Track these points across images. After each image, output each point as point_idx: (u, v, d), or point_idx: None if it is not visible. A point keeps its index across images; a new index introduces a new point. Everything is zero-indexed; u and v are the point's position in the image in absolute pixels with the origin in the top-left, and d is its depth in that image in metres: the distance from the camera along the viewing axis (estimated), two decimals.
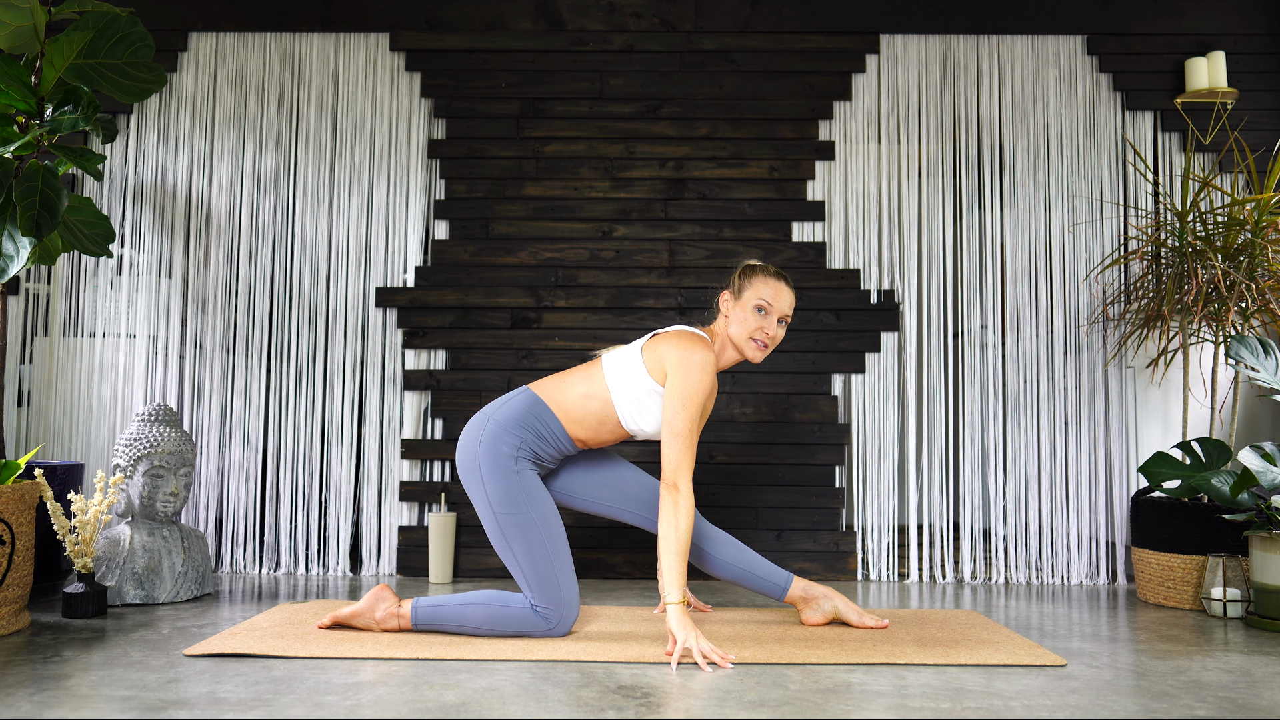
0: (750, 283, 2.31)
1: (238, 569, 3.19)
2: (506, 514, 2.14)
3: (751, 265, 2.36)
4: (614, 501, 2.38)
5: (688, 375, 2.16)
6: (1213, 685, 1.84)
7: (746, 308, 2.29)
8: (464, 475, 2.21)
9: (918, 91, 3.36)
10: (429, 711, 1.61)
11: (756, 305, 2.28)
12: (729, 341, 2.33)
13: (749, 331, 2.28)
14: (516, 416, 2.21)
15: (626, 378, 2.23)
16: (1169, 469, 2.78)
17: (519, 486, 2.15)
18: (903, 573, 3.21)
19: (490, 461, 2.16)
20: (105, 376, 3.24)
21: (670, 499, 2.09)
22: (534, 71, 3.37)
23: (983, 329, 3.28)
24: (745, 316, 2.29)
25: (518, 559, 2.14)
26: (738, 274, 2.36)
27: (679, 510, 2.08)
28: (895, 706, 1.67)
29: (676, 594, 2.04)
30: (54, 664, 1.91)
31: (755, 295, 2.29)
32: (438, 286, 3.30)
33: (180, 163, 3.33)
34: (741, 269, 2.36)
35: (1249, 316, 2.84)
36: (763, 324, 2.28)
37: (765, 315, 2.29)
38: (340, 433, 3.25)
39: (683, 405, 2.14)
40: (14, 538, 2.21)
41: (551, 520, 2.16)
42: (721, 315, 2.35)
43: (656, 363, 2.21)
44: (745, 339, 2.29)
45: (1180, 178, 3.24)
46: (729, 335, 2.32)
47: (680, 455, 2.11)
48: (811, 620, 2.37)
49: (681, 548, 2.06)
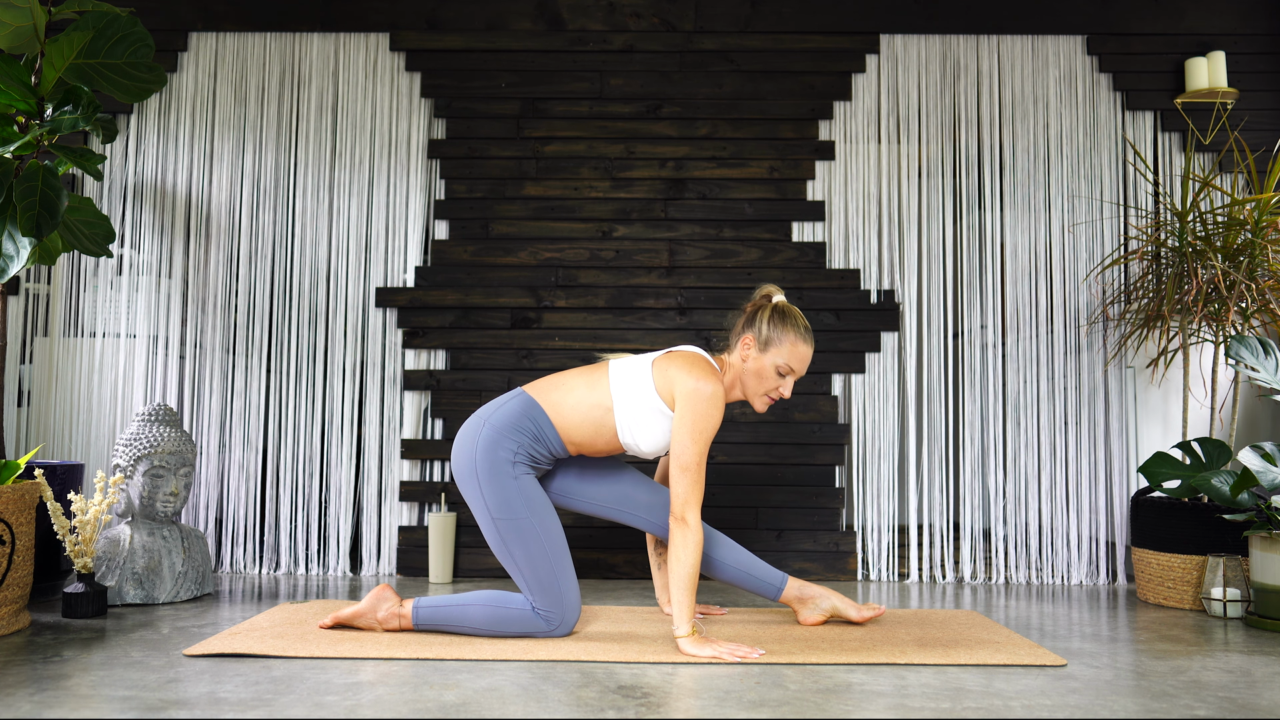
0: (781, 342, 2.21)
1: (238, 569, 3.19)
2: (505, 520, 2.13)
3: (783, 315, 2.24)
4: (611, 502, 2.36)
5: (698, 409, 2.10)
6: (1213, 685, 1.84)
7: (768, 366, 2.22)
8: (461, 481, 2.19)
9: (918, 91, 3.36)
10: (429, 711, 1.61)
11: (780, 369, 2.23)
12: (740, 384, 2.27)
13: (765, 389, 2.24)
14: (512, 420, 2.18)
15: (633, 392, 2.19)
16: (1169, 469, 2.78)
17: (517, 492, 2.14)
18: (903, 573, 3.21)
19: (488, 467, 2.14)
20: (105, 376, 3.24)
21: (679, 533, 2.07)
22: (534, 71, 3.37)
23: (983, 329, 3.28)
24: (766, 374, 2.23)
25: (518, 564, 2.13)
26: (767, 320, 2.23)
27: (687, 545, 2.06)
28: (895, 706, 1.67)
29: (685, 627, 2.05)
30: (54, 664, 1.91)
31: (783, 358, 2.22)
32: (438, 286, 3.30)
33: (180, 163, 3.33)
34: (772, 314, 2.24)
35: (1249, 316, 2.84)
36: (780, 385, 2.24)
37: (785, 378, 2.24)
38: (340, 433, 3.25)
39: (693, 439, 2.09)
40: (14, 538, 2.21)
41: (550, 524, 2.15)
42: (739, 354, 2.26)
43: (666, 384, 2.16)
44: (759, 394, 2.25)
45: (1180, 178, 3.24)
46: (741, 381, 2.26)
47: (690, 489, 2.08)
48: (809, 620, 2.37)
49: (689, 582, 2.06)
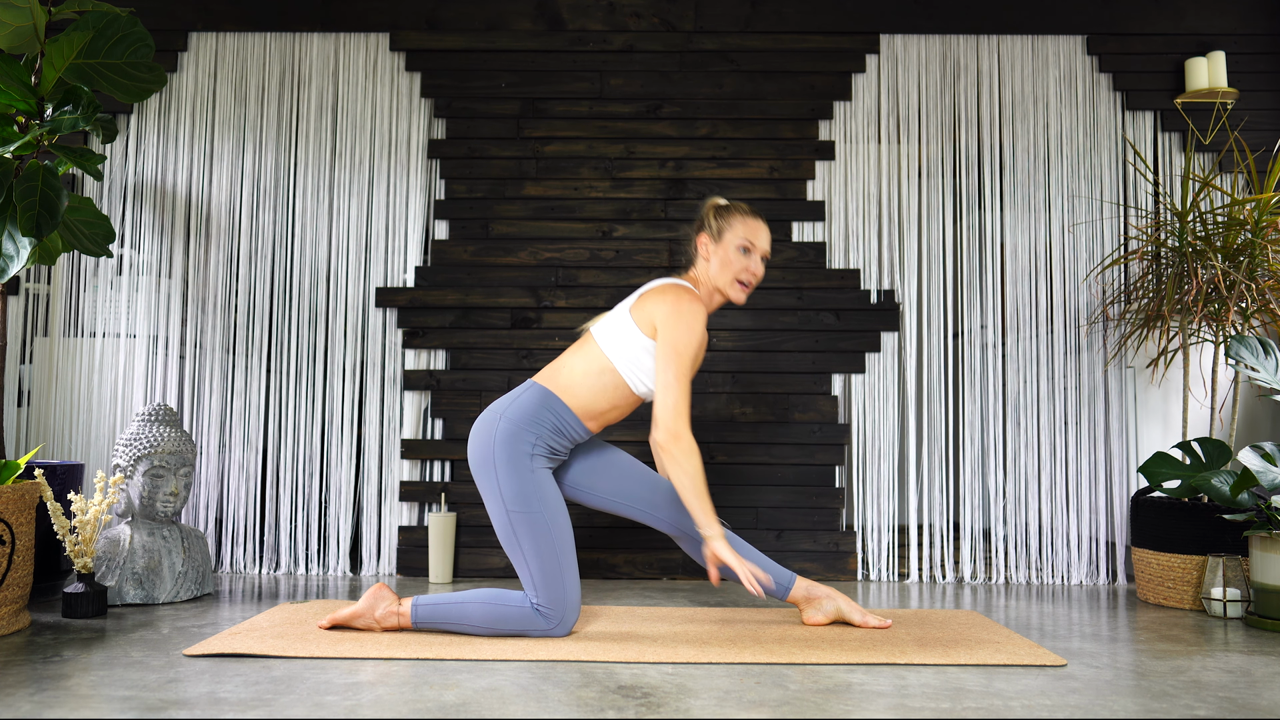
0: (730, 224, 2.32)
1: (238, 569, 3.19)
2: (519, 512, 2.14)
3: (723, 205, 2.36)
4: (621, 498, 2.37)
5: (678, 327, 2.17)
6: (1213, 685, 1.84)
7: (730, 249, 2.31)
8: (479, 471, 2.20)
9: (918, 91, 3.36)
10: (429, 711, 1.61)
11: (740, 246, 2.31)
12: (713, 285, 2.34)
13: (734, 273, 2.31)
14: (530, 412, 2.20)
15: (623, 342, 2.23)
16: (1169, 469, 2.78)
17: (534, 486, 2.15)
18: (903, 573, 3.21)
19: (507, 459, 2.16)
20: (105, 376, 3.24)
21: (675, 448, 2.10)
22: (534, 71, 3.37)
23: (983, 329, 3.28)
24: (729, 258, 2.31)
25: (525, 557, 2.14)
26: (710, 215, 2.36)
27: (689, 457, 2.10)
28: (895, 706, 1.67)
29: (713, 527, 2.09)
30: (54, 664, 1.91)
31: (738, 237, 2.31)
32: (438, 286, 3.30)
33: (180, 163, 3.33)
34: (713, 210, 2.36)
35: (1249, 316, 2.84)
36: (747, 264, 2.32)
37: (749, 255, 2.32)
38: (340, 433, 3.25)
39: (675, 355, 2.15)
40: (14, 538, 2.21)
41: (562, 522, 2.17)
42: (701, 259, 2.36)
43: (647, 320, 2.22)
44: (730, 281, 2.32)
45: (1180, 178, 3.24)
46: (712, 279, 2.34)
47: (677, 402, 2.12)
48: (813, 620, 2.37)
49: (699, 488, 2.10)
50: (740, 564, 2.08)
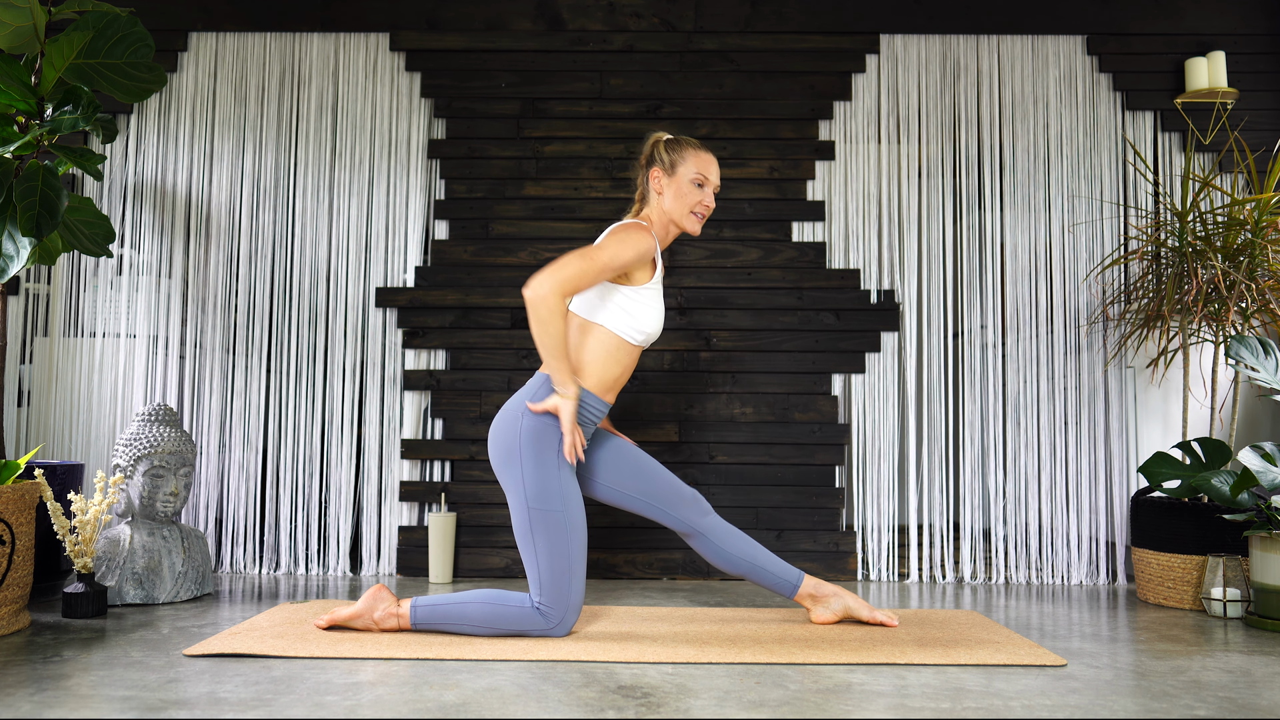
0: (683, 157, 2.35)
1: (238, 569, 3.19)
2: (539, 509, 2.15)
3: (673, 139, 2.38)
4: (644, 495, 2.37)
5: (609, 240, 2.21)
6: (1213, 685, 1.84)
7: (683, 182, 2.34)
8: (503, 466, 2.20)
9: (918, 91, 3.36)
10: (429, 711, 1.61)
11: (694, 180, 2.34)
12: (668, 219, 2.37)
13: (689, 206, 2.35)
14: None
15: (597, 298, 2.27)
16: (1169, 469, 2.78)
17: (558, 485, 2.16)
18: (903, 573, 3.21)
19: (534, 455, 2.17)
20: (105, 376, 3.24)
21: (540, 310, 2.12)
22: (534, 71, 3.37)
23: (983, 329, 3.28)
24: (684, 190, 2.34)
25: (537, 554, 2.14)
26: (661, 148, 2.37)
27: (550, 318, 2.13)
28: (895, 706, 1.67)
29: (569, 388, 2.17)
30: (54, 664, 1.91)
31: (691, 170, 2.34)
32: (438, 286, 3.30)
33: (180, 163, 3.33)
34: (663, 143, 2.38)
35: (1249, 316, 2.84)
36: (701, 197, 2.36)
37: (703, 188, 2.35)
38: (340, 433, 3.25)
39: (593, 249, 2.18)
40: (14, 538, 2.21)
41: (579, 523, 2.17)
42: (654, 192, 2.37)
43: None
44: (685, 214, 2.36)
45: (1180, 178, 3.24)
46: (667, 211, 2.36)
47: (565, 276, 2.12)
48: (821, 619, 2.37)
49: (560, 349, 2.14)
50: (570, 432, 2.14)
